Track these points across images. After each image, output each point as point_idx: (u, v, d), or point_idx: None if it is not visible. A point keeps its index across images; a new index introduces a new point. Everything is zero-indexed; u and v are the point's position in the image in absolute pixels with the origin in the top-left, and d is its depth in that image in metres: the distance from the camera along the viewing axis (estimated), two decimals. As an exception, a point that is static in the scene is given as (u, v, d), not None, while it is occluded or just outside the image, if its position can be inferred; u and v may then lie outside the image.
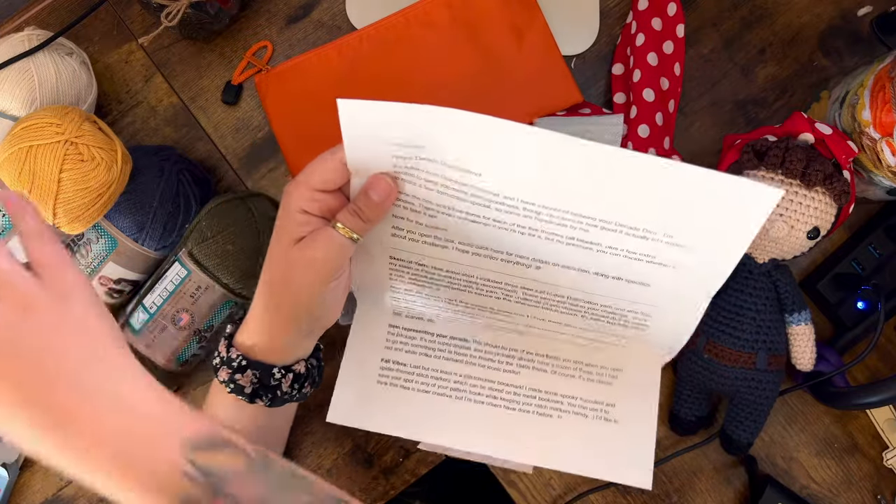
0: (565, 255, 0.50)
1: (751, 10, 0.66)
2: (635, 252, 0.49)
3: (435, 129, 0.45)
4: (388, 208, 0.48)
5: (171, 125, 0.67)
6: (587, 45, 0.66)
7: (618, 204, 0.46)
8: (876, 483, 0.62)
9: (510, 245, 0.50)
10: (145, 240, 0.60)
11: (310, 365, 0.53)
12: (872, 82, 0.55)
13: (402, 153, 0.47)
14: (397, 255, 0.53)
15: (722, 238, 0.47)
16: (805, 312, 0.58)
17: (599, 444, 0.56)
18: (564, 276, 0.51)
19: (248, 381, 0.50)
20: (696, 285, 0.50)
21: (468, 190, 0.47)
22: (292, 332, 0.50)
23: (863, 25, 0.65)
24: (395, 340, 0.58)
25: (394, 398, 0.57)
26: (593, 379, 0.57)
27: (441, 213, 0.49)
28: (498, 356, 0.58)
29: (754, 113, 0.65)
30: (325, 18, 0.67)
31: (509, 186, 0.46)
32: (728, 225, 0.46)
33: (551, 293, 0.53)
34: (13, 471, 0.64)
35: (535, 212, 0.47)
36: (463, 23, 0.62)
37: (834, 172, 0.54)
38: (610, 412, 0.57)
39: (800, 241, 0.56)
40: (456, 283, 0.54)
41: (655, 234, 0.47)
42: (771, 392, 0.58)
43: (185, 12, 0.61)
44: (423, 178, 0.47)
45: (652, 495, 0.63)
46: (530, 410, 0.57)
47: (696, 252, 0.48)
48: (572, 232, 0.48)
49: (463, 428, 0.57)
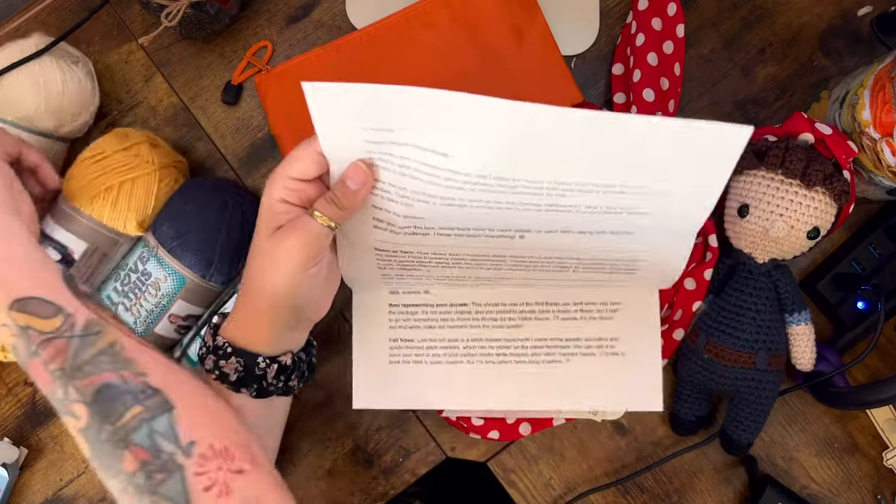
0: (546, 220, 0.50)
1: (751, 10, 0.66)
2: (615, 207, 0.48)
3: (403, 109, 0.44)
4: (364, 196, 0.48)
5: (171, 125, 0.67)
6: (587, 45, 0.66)
7: (592, 165, 0.46)
8: (876, 483, 0.62)
9: (490, 221, 0.50)
10: (213, 275, 0.59)
11: (297, 358, 0.53)
12: (872, 82, 0.55)
13: (374, 137, 0.46)
14: (381, 246, 0.53)
15: (699, 181, 0.47)
16: (805, 312, 0.58)
17: (609, 378, 0.58)
18: (549, 240, 0.52)
19: (233, 368, 0.50)
20: (678, 225, 0.50)
21: (440, 173, 0.46)
22: (275, 322, 0.50)
23: (863, 25, 0.65)
24: (398, 319, 0.60)
25: (408, 374, 0.59)
26: (595, 317, 0.58)
27: (417, 201, 0.48)
28: (500, 314, 0.59)
29: (754, 113, 0.65)
30: (325, 18, 0.67)
31: (479, 163, 0.46)
32: (703, 167, 0.46)
33: (539, 256, 0.54)
34: (13, 471, 0.64)
35: (509, 186, 0.47)
36: (463, 23, 0.62)
37: (834, 172, 0.54)
38: (615, 346, 0.58)
39: (800, 241, 0.56)
40: (444, 261, 0.55)
41: (633, 187, 0.47)
42: (771, 392, 0.58)
43: (185, 12, 0.61)
44: (397, 164, 0.47)
45: (652, 495, 0.63)
46: (540, 360, 0.59)
47: (673, 197, 0.48)
48: (549, 199, 0.48)
49: (479, 389, 0.59)
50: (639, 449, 0.63)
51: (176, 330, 0.61)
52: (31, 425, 0.66)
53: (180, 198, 0.60)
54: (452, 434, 0.64)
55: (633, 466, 0.63)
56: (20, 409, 0.66)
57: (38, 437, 0.66)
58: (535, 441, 0.64)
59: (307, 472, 0.64)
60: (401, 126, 0.45)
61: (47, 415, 0.66)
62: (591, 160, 0.45)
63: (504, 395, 0.59)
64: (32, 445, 0.65)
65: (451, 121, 0.44)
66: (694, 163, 0.45)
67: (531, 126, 0.44)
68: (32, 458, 0.65)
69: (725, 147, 0.44)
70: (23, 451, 0.65)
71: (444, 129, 0.44)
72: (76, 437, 0.42)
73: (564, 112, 0.43)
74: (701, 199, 0.48)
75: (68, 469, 0.65)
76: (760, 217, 0.55)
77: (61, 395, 0.42)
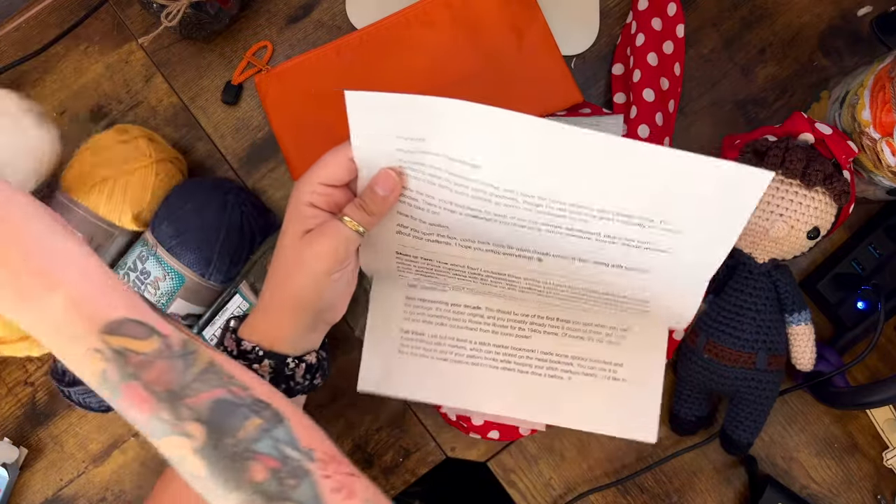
0: (565, 246, 0.50)
1: (751, 10, 0.66)
2: (633, 240, 0.49)
3: (437, 119, 0.46)
4: (392, 202, 0.50)
5: (171, 125, 0.67)
6: (587, 45, 0.66)
7: (615, 193, 0.47)
8: (876, 483, 0.62)
9: (512, 239, 0.51)
10: (212, 274, 0.59)
11: (320, 356, 0.53)
12: (872, 82, 0.55)
13: (406, 146, 0.48)
14: (403, 251, 0.55)
15: (717, 222, 0.48)
16: (805, 312, 0.58)
17: (607, 403, 0.58)
18: (566, 267, 0.52)
19: (266, 371, 0.50)
20: (692, 269, 0.51)
21: (469, 184, 0.48)
22: (298, 324, 0.51)
23: (863, 25, 0.65)
24: (413, 312, 0.61)
25: (415, 367, 0.60)
26: (602, 340, 0.59)
27: (444, 210, 0.50)
28: (510, 322, 0.60)
29: (754, 113, 0.65)
30: (325, 18, 0.67)
31: (508, 178, 0.47)
32: (722, 209, 0.47)
33: (553, 283, 0.54)
34: (13, 471, 0.64)
35: (534, 204, 0.48)
36: (463, 23, 0.62)
37: (834, 172, 0.54)
38: (618, 371, 0.58)
39: (800, 241, 0.56)
40: (461, 274, 0.56)
41: (652, 221, 0.48)
42: (771, 392, 0.58)
43: (185, 12, 0.61)
44: (427, 173, 0.48)
45: (652, 495, 0.63)
46: (542, 373, 0.59)
47: (692, 236, 0.49)
48: (572, 223, 0.49)
49: (479, 392, 0.60)
50: (639, 449, 0.63)
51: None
52: (31, 425, 0.66)
53: (180, 197, 0.60)
54: (452, 434, 0.64)
55: (633, 466, 0.63)
56: (20, 409, 0.66)
57: (38, 437, 0.66)
58: (535, 441, 0.64)
59: (307, 472, 0.64)
60: (434, 137, 0.47)
61: (47, 415, 0.66)
62: (615, 187, 0.47)
63: (501, 402, 0.59)
64: (32, 445, 0.65)
65: (484, 133, 0.46)
66: (713, 202, 0.46)
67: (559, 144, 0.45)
68: (32, 458, 0.65)
69: (745, 189, 0.45)
70: (23, 451, 0.65)
71: (477, 141, 0.46)
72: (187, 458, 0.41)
73: (592, 135, 0.44)
74: (717, 243, 0.48)
75: (68, 469, 0.65)
76: (760, 217, 0.55)
77: (168, 416, 0.41)
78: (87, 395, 0.59)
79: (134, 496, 0.65)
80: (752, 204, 0.45)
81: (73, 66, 0.68)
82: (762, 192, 0.45)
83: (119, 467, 0.65)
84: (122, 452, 0.65)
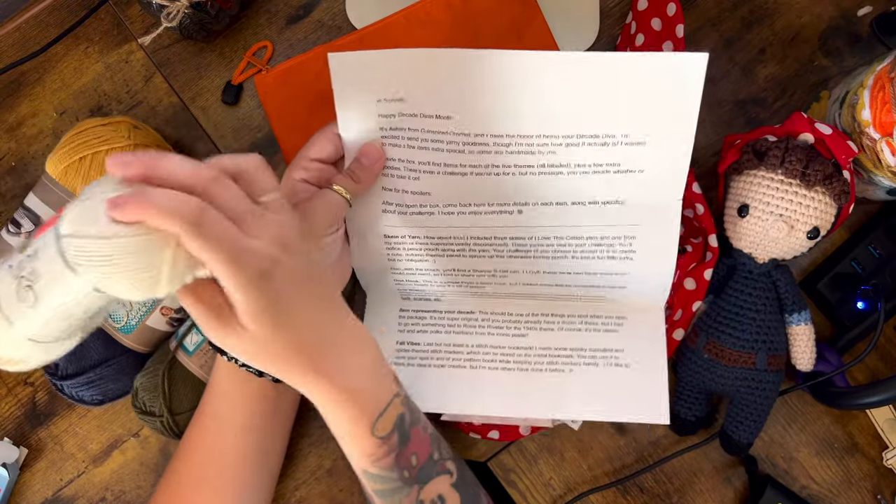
0: (541, 189, 0.52)
1: (751, 10, 0.66)
2: (602, 163, 0.51)
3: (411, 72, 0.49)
4: (377, 171, 0.53)
5: (171, 125, 0.67)
6: (587, 45, 0.66)
7: (571, 111, 0.50)
8: (876, 483, 0.62)
9: (490, 193, 0.53)
10: None
11: None
12: (872, 82, 0.55)
13: (387, 110, 0.51)
14: (390, 231, 0.56)
15: (671, 118, 0.50)
16: (805, 312, 0.58)
17: (613, 389, 0.58)
18: (546, 214, 0.54)
19: None
20: (663, 187, 0.53)
21: (444, 138, 0.51)
22: None
23: (863, 25, 0.65)
24: (407, 323, 0.61)
25: (412, 377, 0.60)
26: (599, 329, 0.59)
27: (423, 172, 0.52)
28: (505, 322, 0.60)
29: (754, 113, 0.65)
30: (325, 18, 0.67)
31: (476, 122, 0.50)
32: (673, 102, 0.49)
33: (539, 236, 0.55)
34: (13, 471, 0.64)
35: (504, 144, 0.50)
36: (463, 23, 0.62)
37: (834, 172, 0.54)
38: (620, 357, 0.58)
39: (800, 241, 0.56)
40: (449, 249, 0.56)
41: (614, 136, 0.50)
42: (771, 392, 0.58)
43: (185, 12, 0.61)
44: (406, 138, 0.51)
45: (652, 495, 0.63)
46: (542, 368, 0.59)
47: (655, 146, 0.50)
48: (541, 158, 0.51)
49: (480, 395, 0.59)
50: (638, 449, 0.63)
51: (168, 322, 0.61)
52: (31, 425, 0.66)
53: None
54: (452, 434, 0.64)
55: (632, 466, 0.63)
56: (20, 409, 0.66)
57: (38, 437, 0.66)
58: (535, 441, 0.64)
59: (308, 472, 0.64)
60: (410, 94, 0.50)
61: (47, 415, 0.66)
62: (570, 104, 0.49)
63: (503, 402, 0.59)
64: (32, 445, 0.65)
65: (453, 75, 0.49)
66: (662, 96, 0.49)
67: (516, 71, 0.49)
68: (32, 458, 0.65)
69: (688, 75, 0.48)
70: (23, 451, 0.65)
71: (447, 89, 0.49)
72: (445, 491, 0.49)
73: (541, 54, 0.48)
74: (678, 139, 0.50)
75: (68, 469, 0.65)
76: (760, 217, 0.55)
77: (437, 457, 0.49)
78: (79, 388, 0.60)
79: (134, 496, 0.65)
80: (698, 88, 0.48)
81: (73, 66, 0.68)
82: (703, 73, 0.47)
83: (119, 467, 0.65)
84: (121, 452, 0.65)
